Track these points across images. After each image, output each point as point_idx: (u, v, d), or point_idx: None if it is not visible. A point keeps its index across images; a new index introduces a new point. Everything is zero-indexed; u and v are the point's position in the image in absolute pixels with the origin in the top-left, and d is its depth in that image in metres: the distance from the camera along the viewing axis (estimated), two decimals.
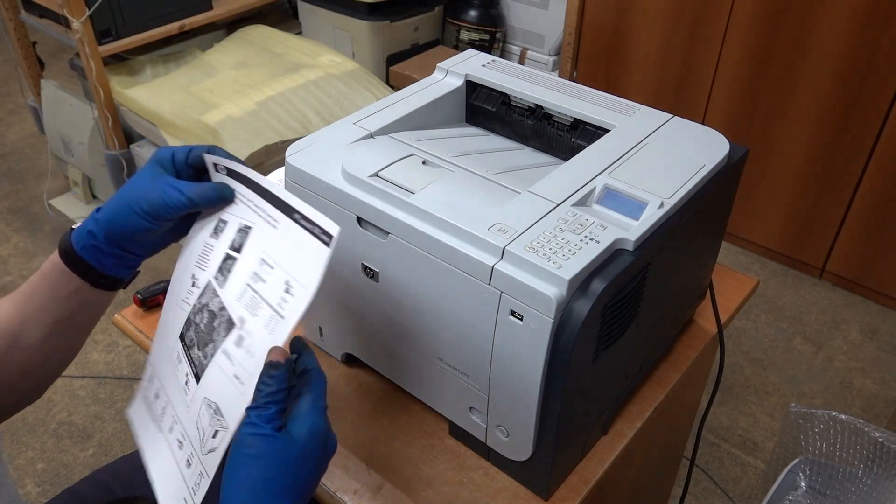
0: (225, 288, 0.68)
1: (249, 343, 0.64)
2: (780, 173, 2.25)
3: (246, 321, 0.65)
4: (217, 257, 0.71)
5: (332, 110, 2.24)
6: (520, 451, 0.79)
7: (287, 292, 0.64)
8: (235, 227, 0.71)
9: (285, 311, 0.63)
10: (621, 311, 0.73)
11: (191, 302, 0.70)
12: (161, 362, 0.73)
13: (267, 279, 0.66)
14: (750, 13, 2.10)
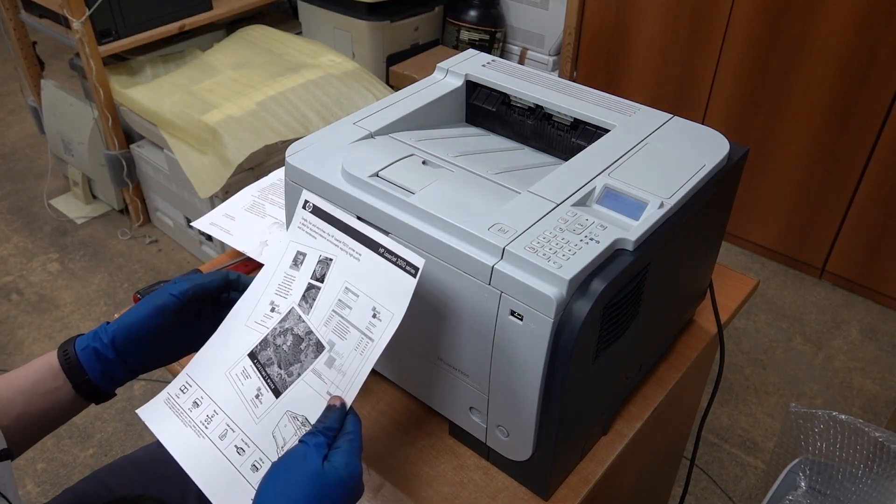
0: (311, 314, 0.76)
1: (340, 363, 0.72)
2: (780, 173, 2.25)
3: (336, 344, 0.73)
4: (300, 286, 0.78)
5: (332, 110, 2.24)
6: (520, 451, 0.79)
7: (375, 317, 0.73)
8: (315, 259, 0.78)
9: (374, 334, 0.72)
10: (621, 311, 0.73)
11: (269, 325, 0.77)
12: (208, 376, 0.78)
13: (353, 306, 0.74)
14: (750, 13, 2.10)
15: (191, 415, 0.76)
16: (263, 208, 1.15)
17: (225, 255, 1.17)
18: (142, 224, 2.58)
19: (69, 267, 2.42)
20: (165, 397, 0.78)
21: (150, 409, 0.78)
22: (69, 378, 0.77)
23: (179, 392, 0.78)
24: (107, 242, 2.52)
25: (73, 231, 2.57)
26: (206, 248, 2.37)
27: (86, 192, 2.67)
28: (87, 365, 0.77)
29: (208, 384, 0.77)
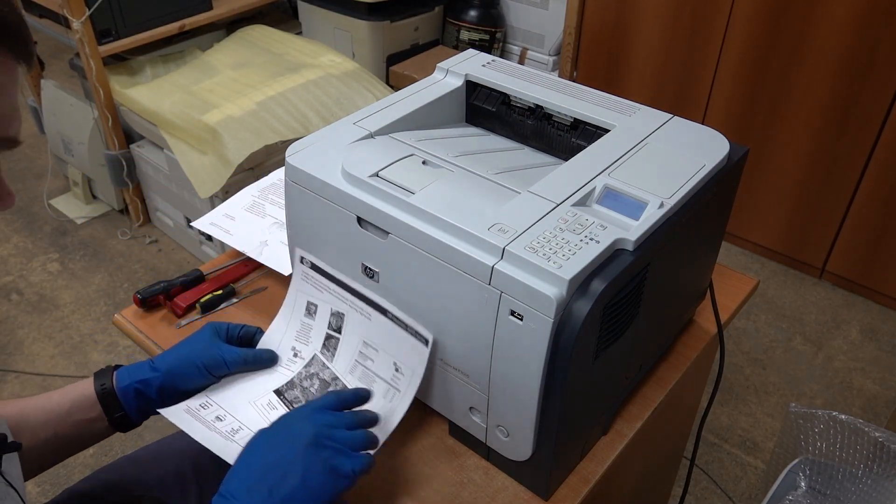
0: (335, 362, 0.83)
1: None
2: (780, 173, 2.25)
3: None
4: (319, 335, 0.86)
5: (332, 110, 2.24)
6: (520, 451, 0.79)
7: (398, 371, 0.80)
8: (328, 311, 0.85)
9: (400, 386, 0.79)
10: (621, 311, 0.73)
11: (294, 370, 0.84)
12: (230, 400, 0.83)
13: (375, 359, 0.81)
14: (750, 13, 2.10)
15: (216, 425, 0.80)
16: (263, 208, 1.15)
17: (225, 255, 1.17)
18: (142, 224, 2.58)
19: (69, 267, 2.42)
20: (185, 408, 0.82)
21: (172, 412, 0.81)
22: (105, 412, 0.82)
23: (200, 407, 0.82)
24: (107, 242, 2.52)
25: (73, 231, 2.57)
26: (206, 248, 2.37)
27: (86, 192, 2.67)
28: (125, 401, 0.82)
29: (231, 406, 0.82)
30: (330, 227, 0.82)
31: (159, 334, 1.02)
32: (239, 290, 1.09)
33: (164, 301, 1.05)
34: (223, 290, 1.07)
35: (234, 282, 1.10)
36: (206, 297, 1.05)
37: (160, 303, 1.06)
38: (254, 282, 1.11)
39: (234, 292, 1.08)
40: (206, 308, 1.05)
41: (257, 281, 1.11)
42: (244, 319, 1.04)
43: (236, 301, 1.07)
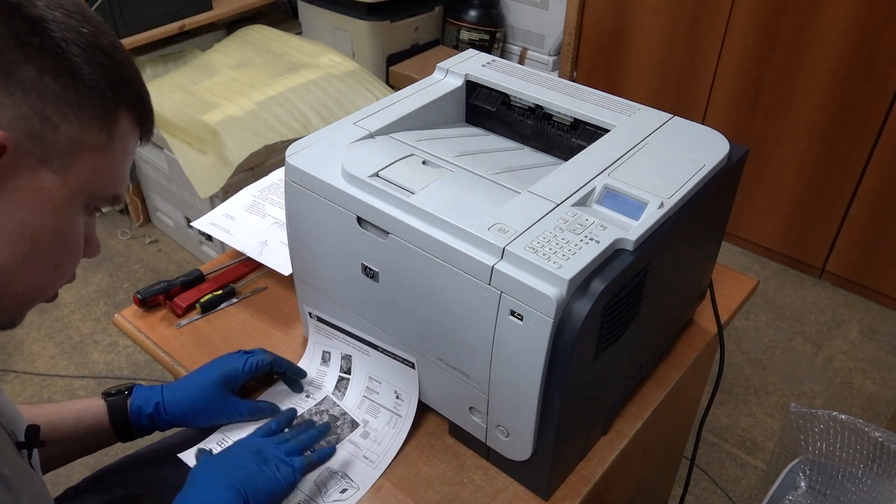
0: (344, 400, 0.92)
1: (375, 436, 0.88)
2: (780, 173, 2.25)
3: (370, 422, 0.89)
4: (332, 379, 0.94)
5: (332, 110, 2.24)
6: (520, 451, 0.79)
7: (398, 398, 0.89)
8: (339, 355, 0.94)
9: (401, 411, 0.88)
10: (621, 311, 0.73)
11: (304, 407, 0.92)
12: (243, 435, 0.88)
13: (379, 391, 0.90)
14: (750, 13, 2.10)
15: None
16: (263, 208, 1.15)
17: (225, 255, 1.17)
18: (142, 224, 2.58)
19: None
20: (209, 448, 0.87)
21: (189, 455, 0.86)
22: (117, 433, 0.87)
23: (217, 447, 0.87)
24: (107, 242, 2.52)
25: None
26: (206, 248, 2.37)
27: None
28: (135, 423, 0.87)
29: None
30: (330, 227, 0.82)
31: (159, 334, 1.02)
32: (239, 290, 1.09)
33: (164, 301, 1.05)
34: (223, 290, 1.07)
35: (234, 282, 1.10)
36: (206, 297, 1.05)
37: (160, 303, 1.06)
38: (254, 282, 1.11)
39: (234, 292, 1.08)
40: (206, 308, 1.05)
41: (257, 281, 1.11)
42: (244, 319, 1.05)
43: (236, 301, 1.07)
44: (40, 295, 0.60)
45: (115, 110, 0.56)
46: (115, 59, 0.56)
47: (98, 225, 0.65)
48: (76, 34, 0.53)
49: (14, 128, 0.50)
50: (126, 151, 0.59)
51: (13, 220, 0.53)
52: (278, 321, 1.05)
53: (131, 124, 0.59)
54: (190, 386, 0.88)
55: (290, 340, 1.02)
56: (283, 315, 1.05)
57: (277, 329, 1.03)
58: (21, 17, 0.50)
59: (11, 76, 0.50)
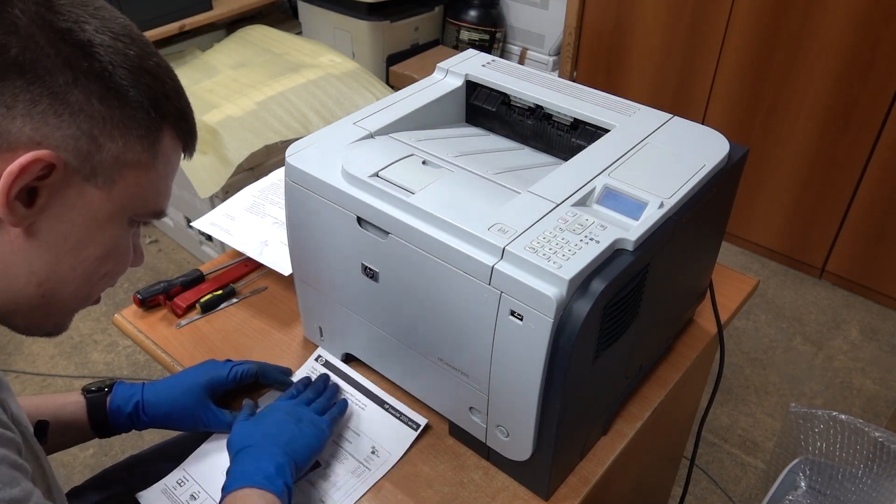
0: None
1: (335, 479, 0.84)
2: (780, 173, 2.25)
3: (331, 464, 0.86)
4: None
5: (332, 110, 2.24)
6: (520, 451, 0.79)
7: (373, 453, 0.86)
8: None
9: (371, 465, 0.85)
10: (621, 311, 0.73)
11: None
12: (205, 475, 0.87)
13: (353, 441, 0.88)
14: (750, 13, 2.10)
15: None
16: (263, 208, 1.15)
17: (225, 255, 1.17)
18: None
19: None
20: (163, 488, 0.87)
21: (149, 496, 0.86)
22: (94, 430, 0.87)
23: (177, 485, 0.87)
24: None
25: None
26: (206, 248, 2.37)
27: None
28: (113, 421, 0.87)
29: (206, 482, 0.86)
30: (330, 227, 0.82)
31: (159, 334, 1.02)
32: (239, 290, 1.09)
33: (164, 301, 1.05)
34: (223, 290, 1.07)
35: (234, 282, 1.10)
36: (206, 297, 1.05)
37: (160, 303, 1.06)
38: (254, 282, 1.11)
39: (234, 292, 1.08)
40: (206, 308, 1.05)
41: (257, 281, 1.11)
42: (244, 319, 1.05)
43: (236, 301, 1.07)
44: (86, 302, 0.63)
45: (158, 129, 0.58)
46: (160, 78, 0.59)
47: None
48: (123, 57, 0.55)
49: (63, 148, 0.52)
50: (169, 167, 0.61)
51: (61, 233, 0.55)
52: (278, 321, 1.05)
53: (174, 141, 0.61)
54: (172, 388, 0.88)
55: (290, 340, 1.02)
56: (283, 315, 1.05)
57: (277, 329, 1.03)
58: (71, 41, 0.52)
59: (60, 98, 0.52)
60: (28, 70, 0.50)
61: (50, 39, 0.51)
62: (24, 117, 0.51)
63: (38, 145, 0.51)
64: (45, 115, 0.51)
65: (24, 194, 0.52)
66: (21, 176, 0.50)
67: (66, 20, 0.52)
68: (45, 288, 0.57)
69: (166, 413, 0.87)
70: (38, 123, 0.51)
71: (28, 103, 0.50)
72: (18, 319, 0.59)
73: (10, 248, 0.54)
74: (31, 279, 0.56)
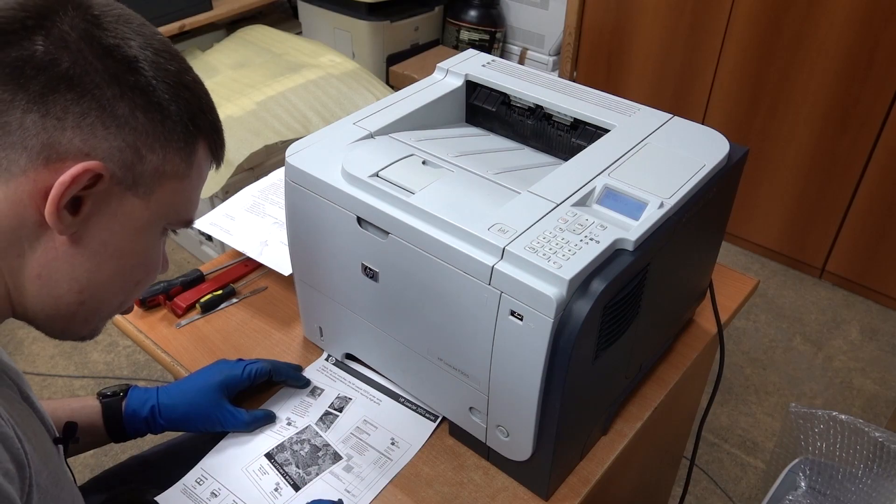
0: (328, 433, 0.89)
1: (359, 472, 0.85)
2: (780, 173, 2.25)
3: (353, 457, 0.86)
4: (317, 411, 0.92)
5: (332, 110, 2.24)
6: (520, 451, 0.79)
7: (393, 444, 0.87)
8: (334, 395, 0.94)
9: (393, 456, 0.86)
10: (621, 311, 0.73)
11: (285, 435, 0.89)
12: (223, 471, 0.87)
13: (372, 433, 0.89)
14: (750, 13, 2.10)
15: (211, 502, 0.83)
16: (263, 208, 1.15)
17: (225, 255, 1.17)
18: None
19: None
20: (182, 488, 0.85)
21: (169, 496, 0.85)
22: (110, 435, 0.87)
23: (196, 484, 0.86)
24: None
25: None
26: (206, 248, 2.37)
27: None
28: (129, 425, 0.87)
29: (225, 478, 0.86)
30: (330, 227, 0.82)
31: (159, 334, 1.02)
32: (239, 290, 1.09)
33: (164, 301, 1.05)
34: (223, 290, 1.07)
35: (234, 282, 1.10)
36: (206, 297, 1.05)
37: (160, 303, 1.06)
38: (254, 282, 1.11)
39: (234, 292, 1.08)
40: (206, 308, 1.05)
41: (257, 281, 1.11)
42: (244, 319, 1.05)
43: (236, 301, 1.07)
44: (120, 308, 0.64)
45: (195, 141, 0.60)
46: (197, 93, 0.62)
47: None
48: (164, 72, 0.58)
49: (109, 158, 0.54)
50: (201, 178, 0.64)
51: (102, 241, 0.57)
52: (278, 321, 1.05)
53: (207, 153, 0.63)
54: (186, 390, 0.88)
55: (290, 340, 1.02)
56: (283, 315, 1.05)
57: (277, 329, 1.03)
58: (118, 56, 0.55)
59: (108, 111, 0.54)
60: (78, 84, 0.52)
61: (98, 54, 0.53)
62: (73, 129, 0.52)
63: (86, 156, 0.53)
64: (93, 126, 0.53)
65: (70, 203, 0.53)
66: (72, 186, 0.52)
67: (114, 37, 0.55)
68: (86, 294, 0.59)
69: (183, 415, 0.88)
70: (87, 135, 0.53)
71: (78, 116, 0.52)
72: (56, 324, 0.60)
73: (55, 254, 0.56)
74: (73, 286, 0.57)
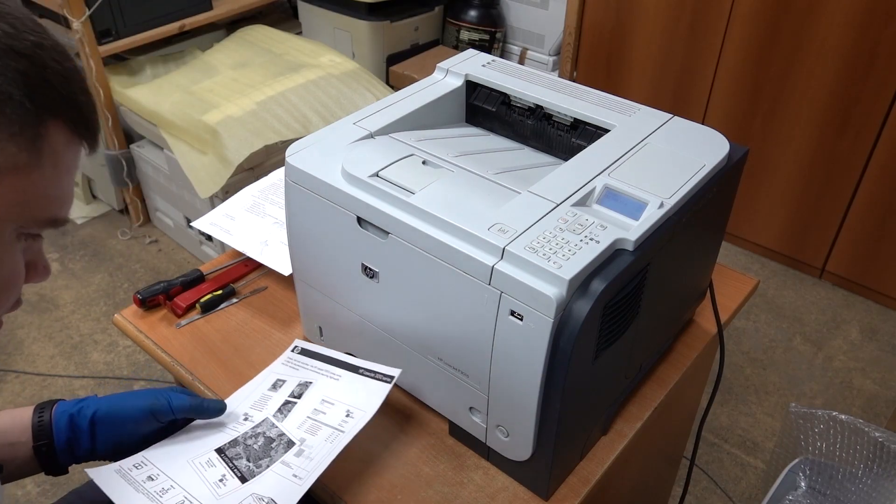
0: (285, 422, 0.85)
1: (309, 453, 0.80)
2: (780, 173, 2.25)
3: (306, 440, 0.82)
4: (276, 403, 0.88)
5: (332, 110, 2.24)
6: (520, 451, 0.79)
7: (348, 416, 0.83)
8: (294, 384, 0.89)
9: (346, 428, 0.82)
10: (621, 311, 0.73)
11: (240, 431, 0.85)
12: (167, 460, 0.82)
13: (328, 412, 0.85)
14: (750, 13, 2.10)
15: (146, 485, 0.78)
16: (263, 208, 1.15)
17: (225, 255, 1.17)
18: (142, 224, 2.58)
19: (69, 267, 2.42)
20: (117, 468, 0.80)
21: (101, 473, 0.78)
22: (34, 437, 0.77)
23: (133, 468, 0.80)
24: (107, 242, 2.52)
25: (73, 231, 2.57)
26: (206, 248, 2.37)
27: (86, 192, 2.67)
28: (56, 428, 0.77)
29: (166, 465, 0.81)
30: (330, 227, 0.82)
31: (159, 334, 1.02)
32: (239, 290, 1.09)
33: (164, 301, 1.05)
34: (223, 290, 1.07)
35: (234, 282, 1.10)
36: (206, 297, 1.05)
37: (160, 303, 1.06)
38: (254, 282, 1.11)
39: (234, 292, 1.08)
40: (206, 308, 1.05)
41: (257, 281, 1.11)
42: (244, 319, 1.05)
43: (236, 301, 1.07)
44: None
45: (39, 123, 0.48)
46: (39, 62, 0.47)
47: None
48: None
49: None
50: (61, 167, 0.51)
51: None
52: (278, 321, 1.05)
53: (66, 135, 0.51)
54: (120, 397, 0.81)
55: (290, 340, 1.02)
56: (283, 315, 1.05)
57: (277, 329, 1.03)
58: None
59: None
60: None
61: None
62: None
63: None
64: None
65: None
66: None
67: None
68: None
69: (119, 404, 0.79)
70: None
71: None
72: None
73: None
74: None
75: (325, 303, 0.92)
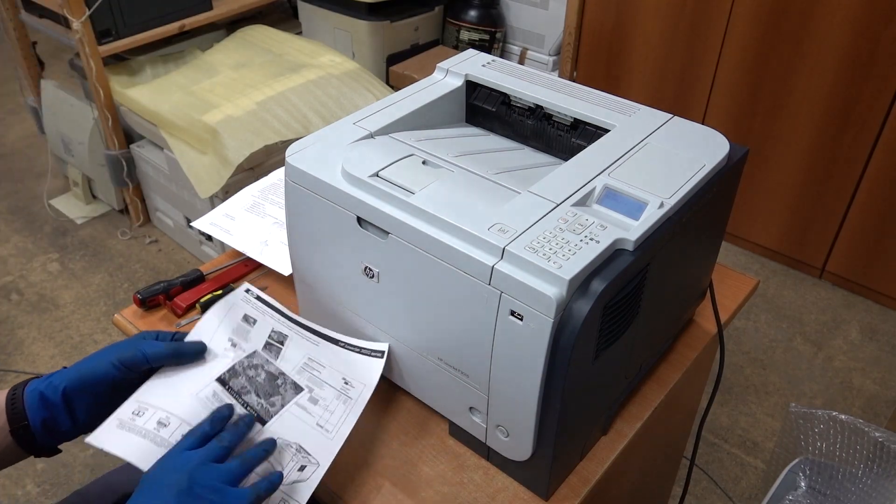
0: (279, 362, 0.81)
1: (326, 405, 0.78)
2: (780, 173, 2.25)
3: (314, 390, 0.80)
4: (259, 336, 0.83)
5: (332, 110, 2.24)
6: (520, 451, 0.79)
7: (347, 384, 0.80)
8: (269, 327, 0.83)
9: (351, 395, 0.80)
10: (621, 311, 0.73)
11: (234, 357, 0.81)
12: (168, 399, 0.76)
13: (321, 371, 0.81)
14: (750, 13, 2.10)
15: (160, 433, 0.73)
16: (263, 208, 1.15)
17: (225, 255, 1.17)
18: (142, 224, 2.58)
19: (69, 267, 2.42)
20: (116, 422, 0.74)
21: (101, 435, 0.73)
22: (9, 421, 0.73)
23: (134, 415, 0.74)
24: (107, 242, 2.52)
25: (73, 231, 2.57)
26: (206, 248, 2.37)
27: (86, 192, 2.67)
28: (30, 409, 0.74)
29: (171, 405, 0.75)
30: (330, 227, 0.82)
31: None
32: None
33: (164, 301, 1.05)
34: (223, 290, 1.07)
35: (234, 282, 1.10)
36: (206, 297, 1.05)
37: (160, 303, 1.06)
38: (254, 282, 1.11)
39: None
40: (206, 308, 1.05)
41: (257, 281, 1.11)
42: None
43: None
44: None
45: None
46: None
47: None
48: None
49: None
50: None
51: None
52: None
53: None
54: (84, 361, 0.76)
55: None
56: None
57: None
58: None
59: None
60: None
61: None
62: None
63: None
64: None
65: None
66: None
67: None
68: None
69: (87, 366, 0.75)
70: None
71: None
72: None
73: None
74: None
75: (325, 303, 0.92)
